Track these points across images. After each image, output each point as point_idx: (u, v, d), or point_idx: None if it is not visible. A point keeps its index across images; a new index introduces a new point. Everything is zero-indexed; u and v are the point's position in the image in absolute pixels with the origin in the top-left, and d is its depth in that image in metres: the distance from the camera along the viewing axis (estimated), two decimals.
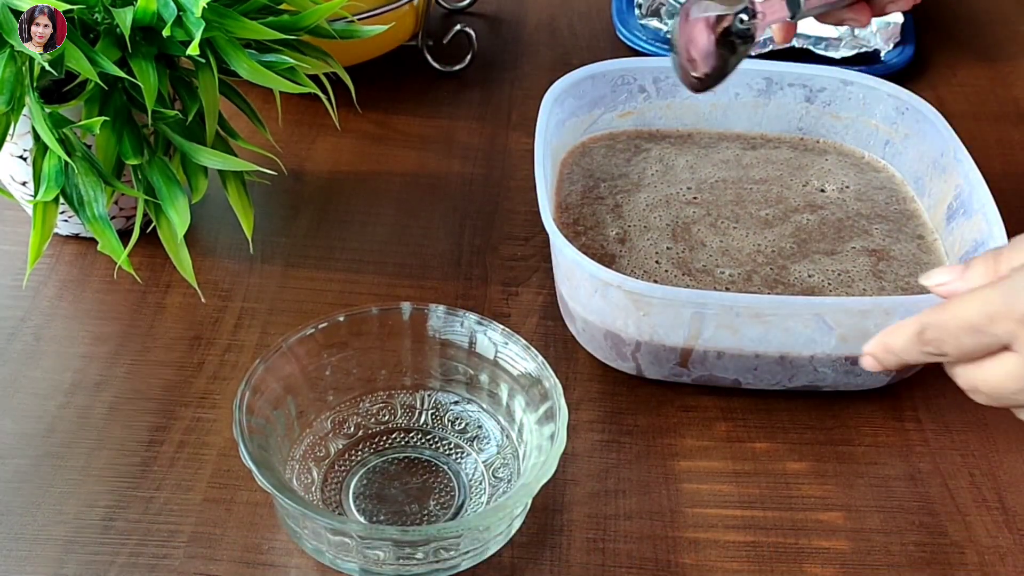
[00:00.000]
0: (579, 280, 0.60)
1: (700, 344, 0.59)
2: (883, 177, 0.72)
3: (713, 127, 0.75)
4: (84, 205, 0.59)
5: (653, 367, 0.61)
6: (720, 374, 0.61)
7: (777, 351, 0.59)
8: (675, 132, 0.75)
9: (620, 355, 0.61)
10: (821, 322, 0.58)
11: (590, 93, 0.72)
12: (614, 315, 0.59)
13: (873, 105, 0.72)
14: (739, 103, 0.74)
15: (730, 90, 0.74)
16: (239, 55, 0.60)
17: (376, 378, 0.60)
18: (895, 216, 0.68)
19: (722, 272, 0.64)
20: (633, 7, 0.91)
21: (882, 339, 0.56)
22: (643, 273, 0.64)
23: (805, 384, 0.61)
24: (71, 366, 0.62)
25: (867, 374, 0.60)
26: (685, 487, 0.58)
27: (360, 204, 0.74)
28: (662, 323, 0.58)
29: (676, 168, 0.71)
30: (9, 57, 0.57)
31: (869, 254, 0.65)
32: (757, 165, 0.72)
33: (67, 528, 0.54)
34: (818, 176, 0.71)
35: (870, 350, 0.57)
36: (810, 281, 0.63)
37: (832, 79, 0.73)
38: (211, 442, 0.59)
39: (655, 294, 0.57)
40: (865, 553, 0.55)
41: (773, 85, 0.73)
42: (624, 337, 0.60)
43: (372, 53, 0.83)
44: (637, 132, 0.75)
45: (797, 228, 0.67)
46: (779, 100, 0.74)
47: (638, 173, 0.71)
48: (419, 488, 0.56)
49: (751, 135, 0.75)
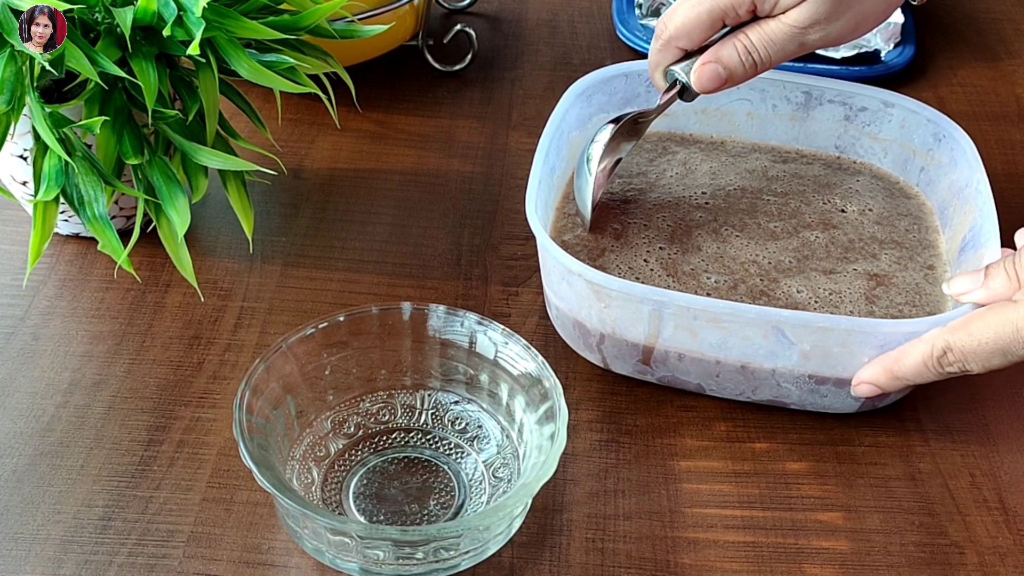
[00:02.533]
0: (550, 266, 0.61)
1: (661, 343, 0.59)
2: (912, 204, 0.69)
3: (748, 137, 0.74)
4: (84, 205, 0.59)
5: (617, 361, 0.61)
6: (683, 377, 0.61)
7: (738, 360, 0.58)
8: (707, 138, 0.74)
9: (587, 346, 0.62)
10: (780, 335, 0.57)
11: (622, 91, 0.72)
12: (579, 304, 0.59)
13: (912, 129, 0.70)
14: (776, 115, 0.73)
15: (768, 101, 0.72)
16: (239, 55, 0.60)
17: (376, 378, 0.59)
18: (911, 244, 0.66)
19: (708, 278, 0.63)
20: (633, 7, 0.91)
21: (887, 367, 0.57)
22: (627, 269, 0.63)
23: (770, 398, 0.60)
24: (70, 365, 0.62)
25: (834, 396, 0.59)
26: (685, 487, 0.58)
27: (360, 203, 0.74)
28: (623, 317, 0.58)
29: (697, 173, 0.70)
30: (9, 57, 0.57)
31: (869, 278, 0.63)
32: (783, 179, 0.70)
33: (65, 528, 0.54)
34: (843, 196, 0.69)
35: (868, 379, 0.57)
36: (797, 297, 0.62)
37: (873, 99, 0.71)
38: (210, 442, 0.59)
39: (612, 286, 0.57)
40: (865, 553, 0.55)
41: (812, 100, 0.72)
42: (589, 328, 0.60)
43: (372, 53, 0.83)
44: (669, 135, 0.74)
45: (802, 244, 0.65)
46: (818, 116, 0.72)
47: (657, 173, 0.70)
48: (419, 488, 0.56)
49: (786, 148, 0.73)
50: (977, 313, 0.55)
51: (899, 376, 0.57)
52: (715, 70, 0.62)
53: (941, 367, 0.55)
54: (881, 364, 0.57)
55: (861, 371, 0.57)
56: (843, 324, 0.57)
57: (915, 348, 0.56)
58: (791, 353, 0.57)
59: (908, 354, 0.56)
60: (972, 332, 0.54)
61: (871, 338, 0.56)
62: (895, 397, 0.61)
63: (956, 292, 0.58)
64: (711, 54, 0.62)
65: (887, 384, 0.57)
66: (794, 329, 0.57)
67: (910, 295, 0.62)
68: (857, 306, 0.62)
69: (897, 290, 0.63)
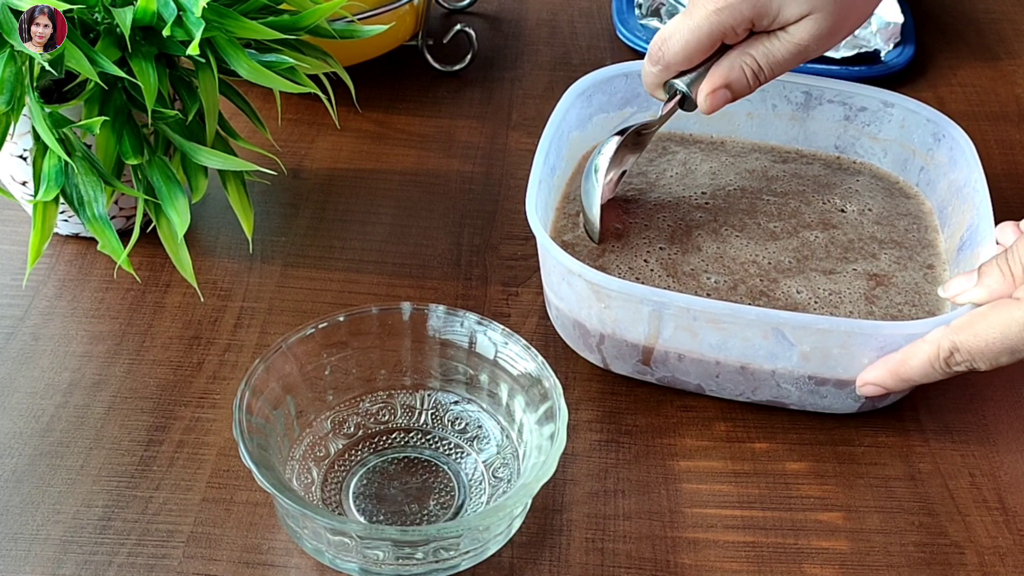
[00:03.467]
0: (550, 266, 0.61)
1: (661, 344, 0.59)
2: (912, 204, 0.69)
3: (748, 137, 0.74)
4: (84, 205, 0.59)
5: (617, 362, 0.61)
6: (683, 377, 0.61)
7: (738, 360, 0.58)
8: (707, 138, 0.74)
9: (587, 346, 0.62)
10: (780, 336, 0.57)
11: (623, 91, 0.72)
12: (579, 304, 0.59)
13: (912, 129, 0.70)
14: (776, 115, 0.73)
15: (767, 101, 0.72)
16: (239, 55, 0.60)
17: (376, 378, 0.59)
18: (911, 244, 0.66)
19: (708, 278, 0.63)
20: (633, 7, 0.91)
21: (892, 370, 0.57)
22: (628, 270, 0.63)
23: (770, 399, 0.60)
24: (69, 365, 0.62)
25: (834, 397, 0.59)
26: (684, 487, 0.58)
27: (360, 203, 0.74)
28: (622, 317, 0.58)
29: (697, 173, 0.70)
30: (9, 57, 0.57)
31: (868, 278, 0.63)
32: (783, 179, 0.70)
33: (65, 528, 0.54)
34: (843, 196, 0.69)
35: (873, 380, 0.57)
36: (797, 298, 0.62)
37: (873, 99, 0.71)
38: (210, 442, 0.59)
39: (612, 287, 0.57)
40: (865, 553, 0.55)
41: (812, 100, 0.72)
42: (589, 328, 0.60)
43: (372, 53, 0.83)
44: (669, 135, 0.74)
45: (802, 244, 0.65)
46: (817, 116, 0.72)
47: (657, 173, 0.70)
48: (419, 488, 0.56)
49: (786, 149, 0.73)
50: (980, 313, 0.55)
51: (905, 378, 0.57)
52: (725, 95, 0.62)
53: (948, 367, 0.55)
54: (886, 367, 0.57)
55: (865, 372, 0.57)
56: (843, 326, 0.57)
57: (920, 350, 0.56)
58: (791, 354, 0.57)
59: (914, 356, 0.56)
60: (978, 333, 0.54)
61: (871, 340, 0.56)
62: (895, 397, 0.61)
63: (953, 294, 0.58)
64: (719, 79, 0.62)
65: (893, 385, 0.57)
66: (794, 330, 0.57)
67: (909, 295, 0.62)
68: (857, 306, 0.61)
69: (897, 290, 0.63)
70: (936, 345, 0.55)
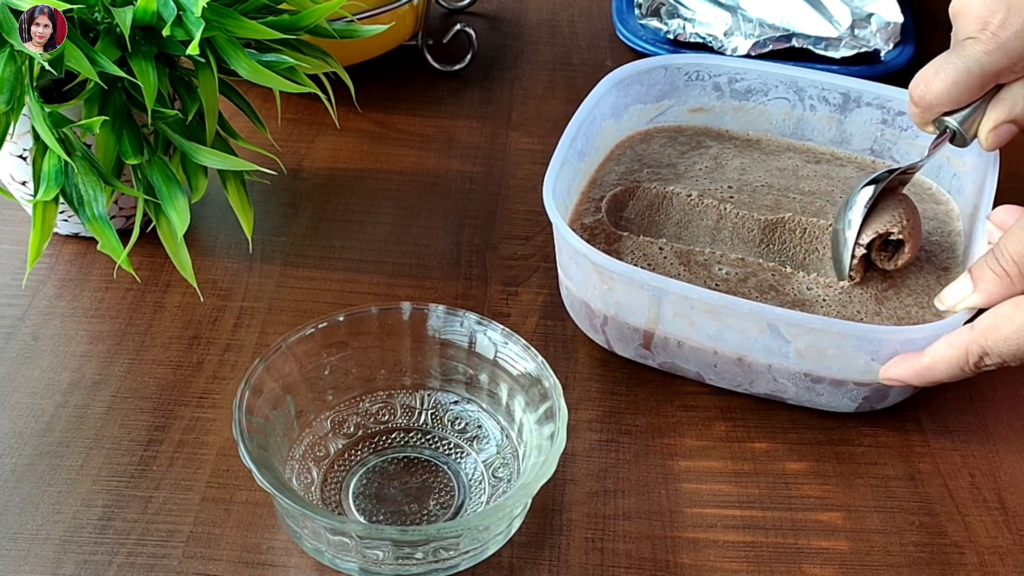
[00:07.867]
0: (560, 244, 0.62)
1: (661, 329, 0.59)
2: (940, 210, 0.69)
3: (783, 136, 0.74)
4: (84, 205, 0.59)
5: (620, 344, 0.62)
6: (682, 364, 0.61)
7: (735, 352, 0.59)
8: (743, 135, 0.74)
9: (593, 327, 0.62)
10: (776, 332, 0.57)
11: (661, 83, 0.72)
12: (586, 284, 0.60)
13: None
14: (814, 116, 0.72)
15: (805, 101, 0.72)
16: (239, 55, 0.60)
17: (376, 378, 0.59)
18: (930, 247, 0.66)
19: (720, 269, 0.63)
20: (633, 7, 0.91)
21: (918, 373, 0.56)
22: (641, 256, 0.64)
23: (767, 392, 0.61)
24: (69, 365, 0.62)
25: (830, 395, 0.59)
26: (684, 487, 0.58)
27: (360, 203, 0.74)
28: (624, 301, 0.59)
29: (727, 168, 0.71)
30: (9, 57, 0.57)
31: (882, 279, 0.63)
32: (812, 178, 0.70)
33: (64, 528, 0.54)
34: None
35: (895, 376, 0.57)
36: (807, 294, 0.62)
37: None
38: (210, 442, 0.59)
39: (614, 268, 0.58)
40: (864, 553, 0.55)
41: (850, 102, 0.71)
42: (594, 308, 0.61)
43: (372, 53, 0.83)
44: (705, 129, 0.74)
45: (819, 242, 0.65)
46: (855, 118, 0.72)
47: (686, 166, 0.70)
48: (419, 488, 0.56)
49: (820, 150, 0.73)
50: (1005, 315, 0.54)
51: (931, 380, 0.56)
52: (1010, 130, 0.60)
53: (978, 369, 0.55)
54: (911, 369, 0.56)
55: (887, 368, 0.57)
56: (836, 327, 0.56)
57: (946, 354, 0.55)
58: (787, 350, 0.58)
59: (941, 360, 0.55)
60: (1007, 336, 0.53)
61: (865, 343, 0.56)
62: (895, 398, 0.61)
63: (950, 304, 0.58)
64: (1003, 115, 0.60)
65: (918, 383, 0.57)
66: (788, 327, 0.57)
67: (919, 296, 0.62)
68: (865, 306, 0.61)
69: (907, 292, 0.63)
70: (964, 350, 0.54)
